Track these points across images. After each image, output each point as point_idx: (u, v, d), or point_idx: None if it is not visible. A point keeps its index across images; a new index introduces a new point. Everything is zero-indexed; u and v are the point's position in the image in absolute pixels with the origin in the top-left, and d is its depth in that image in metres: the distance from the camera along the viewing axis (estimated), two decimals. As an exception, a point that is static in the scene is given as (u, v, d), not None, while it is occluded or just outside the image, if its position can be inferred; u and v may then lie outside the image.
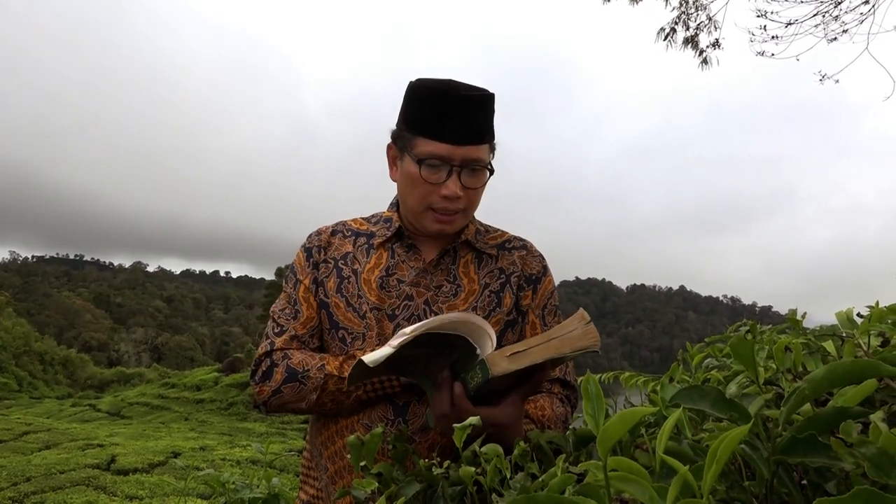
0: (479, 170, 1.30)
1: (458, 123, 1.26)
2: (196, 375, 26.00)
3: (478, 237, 1.42)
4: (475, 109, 1.27)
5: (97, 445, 11.23)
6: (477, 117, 1.28)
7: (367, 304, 1.32)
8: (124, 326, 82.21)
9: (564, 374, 1.40)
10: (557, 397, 1.37)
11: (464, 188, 1.29)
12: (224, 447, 11.72)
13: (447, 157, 1.26)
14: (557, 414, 1.33)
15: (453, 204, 1.29)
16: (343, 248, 1.41)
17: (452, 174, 1.27)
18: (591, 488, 0.51)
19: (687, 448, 0.55)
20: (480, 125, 1.28)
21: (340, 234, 1.45)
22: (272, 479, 1.85)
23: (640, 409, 0.46)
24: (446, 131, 1.26)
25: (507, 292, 1.37)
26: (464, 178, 1.28)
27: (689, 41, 7.42)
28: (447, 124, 1.26)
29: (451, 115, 1.26)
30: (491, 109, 1.32)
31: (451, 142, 1.26)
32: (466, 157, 1.27)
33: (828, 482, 0.54)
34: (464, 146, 1.26)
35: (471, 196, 1.32)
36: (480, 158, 1.29)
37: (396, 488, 0.84)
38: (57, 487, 7.61)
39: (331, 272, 1.39)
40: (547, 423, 1.29)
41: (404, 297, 1.33)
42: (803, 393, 0.51)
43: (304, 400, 1.27)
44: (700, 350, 1.33)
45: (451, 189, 1.27)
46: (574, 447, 0.90)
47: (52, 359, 39.74)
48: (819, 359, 0.96)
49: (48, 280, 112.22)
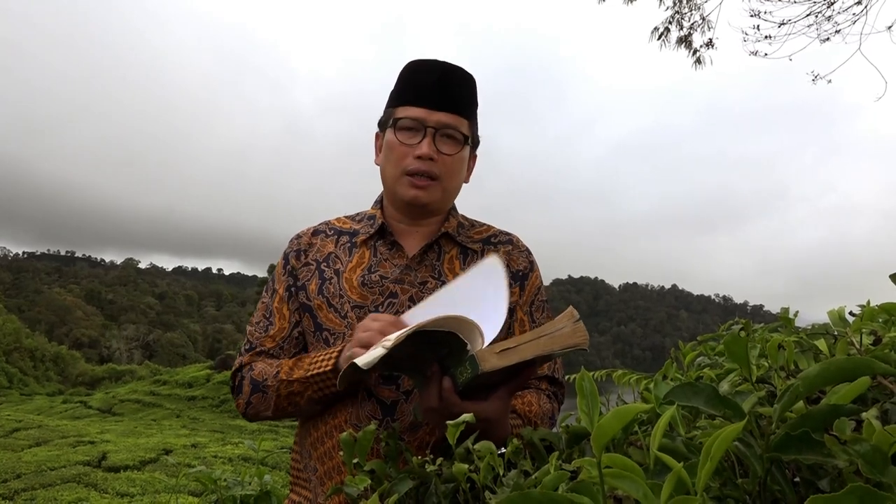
0: (455, 137, 1.32)
1: (433, 89, 1.31)
2: (188, 372, 25.94)
3: (461, 231, 1.41)
4: (452, 81, 1.32)
5: (88, 442, 11.18)
6: (454, 88, 1.32)
7: (349, 302, 1.31)
8: (116, 323, 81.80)
9: (553, 370, 1.39)
10: (545, 393, 1.37)
11: (439, 154, 1.30)
12: (216, 444, 11.69)
13: (422, 118, 1.30)
14: (544, 410, 1.32)
15: (426, 165, 1.30)
16: (325, 249, 1.41)
17: (427, 136, 1.30)
18: (584, 485, 0.51)
19: (681, 445, 0.55)
20: (457, 96, 1.32)
21: (323, 235, 1.44)
22: (264, 476, 1.85)
23: (635, 406, 0.46)
24: (422, 96, 1.31)
25: None
26: (438, 143, 1.30)
27: (682, 41, 7.43)
28: (423, 90, 1.31)
29: (429, 81, 1.31)
30: (470, 88, 1.36)
31: (426, 106, 1.30)
32: (441, 122, 1.30)
33: (820, 479, 0.54)
34: (439, 111, 1.30)
35: (447, 163, 1.32)
36: (456, 126, 1.31)
37: (389, 485, 0.84)
38: (48, 484, 7.57)
39: (312, 274, 1.38)
40: (534, 418, 1.29)
41: (388, 295, 1.32)
42: (797, 390, 0.51)
43: (269, 408, 1.30)
44: (692, 348, 1.34)
45: (424, 149, 1.29)
46: (567, 444, 0.90)
47: (43, 355, 39.53)
48: (811, 357, 0.96)
49: (39, 276, 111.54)
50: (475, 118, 1.39)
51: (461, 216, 1.46)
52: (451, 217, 1.41)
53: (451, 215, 1.42)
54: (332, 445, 1.28)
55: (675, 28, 7.44)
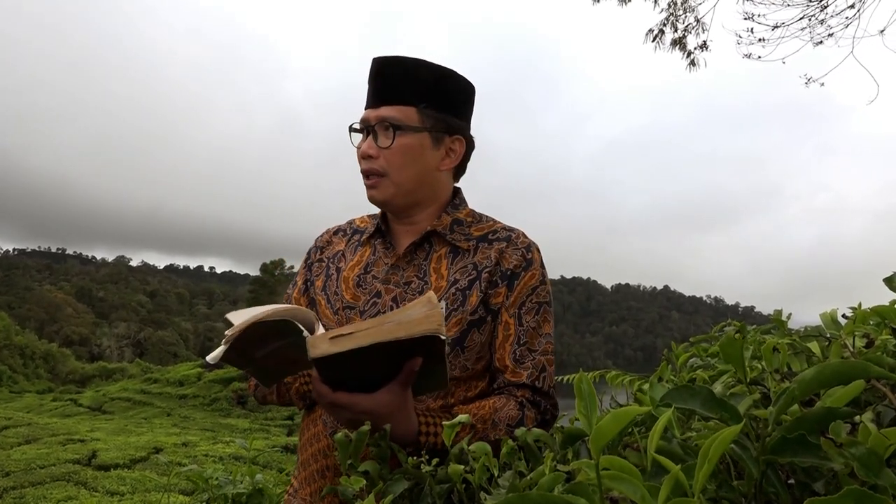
0: (388, 128, 1.28)
1: (374, 86, 1.31)
2: (179, 371, 25.82)
3: (455, 228, 1.34)
4: (392, 70, 1.30)
5: (78, 440, 11.13)
6: (388, 79, 1.30)
7: (342, 302, 1.32)
8: (106, 321, 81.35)
9: (535, 379, 1.28)
10: (517, 400, 1.26)
11: (379, 149, 1.29)
12: (207, 443, 11.65)
13: (365, 119, 1.31)
14: (502, 416, 1.21)
15: (367, 163, 1.30)
16: (338, 247, 1.44)
17: (368, 136, 1.31)
18: (581, 487, 0.51)
19: (677, 447, 0.55)
20: (393, 86, 1.30)
21: (342, 233, 1.47)
22: (256, 475, 1.84)
23: (633, 408, 0.46)
24: (368, 96, 1.32)
25: (475, 289, 1.27)
26: (379, 139, 1.29)
27: (676, 43, 7.45)
28: (369, 90, 1.32)
29: (372, 79, 1.31)
30: (412, 73, 1.30)
31: (369, 105, 1.31)
32: (380, 116, 1.29)
33: (815, 482, 0.55)
34: (377, 108, 1.29)
35: (387, 157, 1.29)
36: (390, 117, 1.28)
37: (384, 486, 0.84)
38: (37, 483, 7.53)
39: (322, 271, 1.41)
40: (478, 423, 1.18)
41: (374, 295, 1.31)
42: (793, 393, 0.51)
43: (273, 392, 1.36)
44: (685, 350, 1.34)
45: (363, 149, 1.30)
46: (561, 446, 0.90)
47: (33, 353, 39.28)
48: (804, 359, 0.96)
49: (29, 273, 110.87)
50: (436, 102, 1.30)
51: (466, 212, 1.39)
52: (446, 214, 1.35)
53: (447, 212, 1.35)
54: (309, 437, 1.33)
55: (669, 30, 7.46)
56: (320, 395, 1.05)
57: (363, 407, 1.03)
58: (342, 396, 1.03)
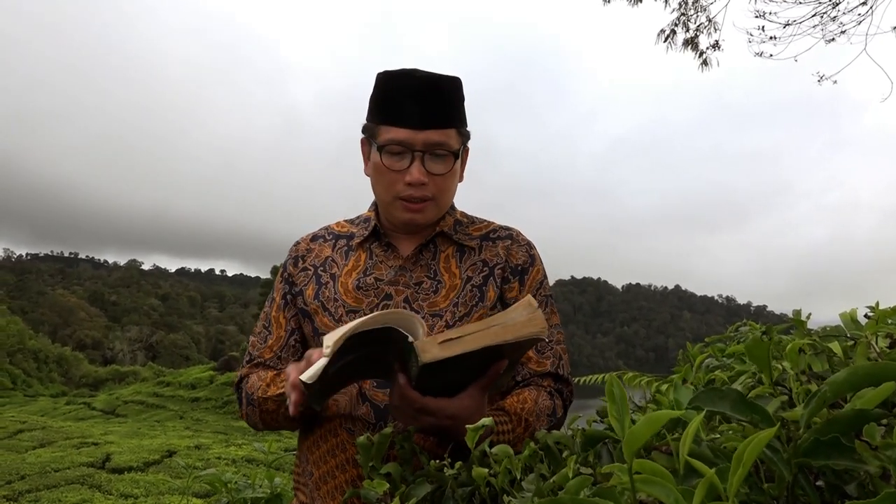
0: (444, 155, 1.26)
1: (416, 107, 1.24)
2: (191, 374, 25.91)
3: (458, 228, 1.37)
4: (434, 93, 1.25)
5: (92, 444, 11.18)
6: (437, 100, 1.25)
7: (343, 307, 1.30)
8: (119, 324, 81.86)
9: (556, 367, 1.34)
10: (546, 390, 1.31)
11: (429, 175, 1.25)
12: (219, 446, 11.69)
13: (408, 142, 1.24)
14: (542, 407, 1.26)
15: (419, 191, 1.26)
16: (323, 254, 1.40)
17: (415, 160, 1.24)
18: (609, 491, 0.51)
19: (706, 450, 0.55)
20: (442, 109, 1.25)
21: (321, 240, 1.44)
22: (274, 478, 1.85)
23: (666, 412, 0.46)
24: (405, 116, 1.24)
25: (491, 285, 1.31)
26: (428, 164, 1.25)
27: (689, 42, 7.41)
28: (406, 109, 1.24)
29: (410, 99, 1.24)
30: (455, 94, 1.29)
31: (410, 126, 1.23)
32: (428, 142, 1.24)
33: (847, 484, 0.54)
34: (424, 130, 1.23)
35: (438, 183, 1.27)
36: (443, 142, 1.25)
37: (406, 489, 0.84)
38: (52, 486, 7.58)
39: (310, 280, 1.38)
40: (526, 416, 1.22)
41: (383, 297, 1.30)
42: (825, 395, 0.51)
43: (260, 420, 1.33)
44: (700, 350, 1.33)
45: (415, 175, 1.24)
46: (582, 448, 0.90)
47: (47, 357, 39.63)
48: (825, 360, 0.95)
49: (42, 278, 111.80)
50: (463, 119, 1.32)
51: (459, 213, 1.42)
52: (448, 215, 1.37)
53: (448, 213, 1.37)
54: (328, 449, 1.27)
55: (681, 30, 7.43)
56: (409, 400, 1.02)
57: (449, 412, 1.03)
58: (431, 401, 1.02)
